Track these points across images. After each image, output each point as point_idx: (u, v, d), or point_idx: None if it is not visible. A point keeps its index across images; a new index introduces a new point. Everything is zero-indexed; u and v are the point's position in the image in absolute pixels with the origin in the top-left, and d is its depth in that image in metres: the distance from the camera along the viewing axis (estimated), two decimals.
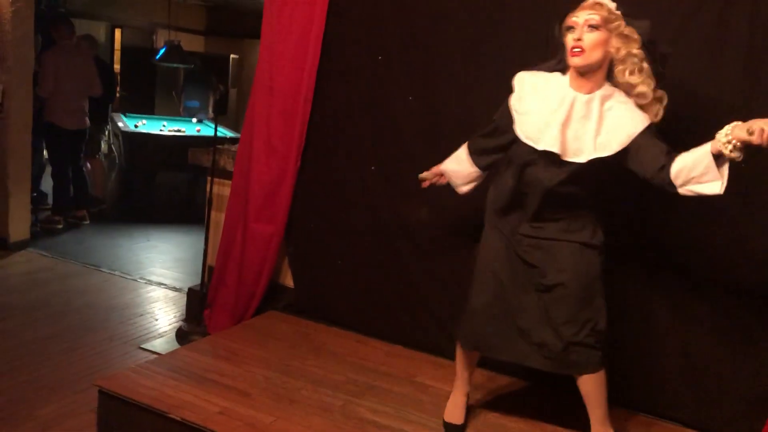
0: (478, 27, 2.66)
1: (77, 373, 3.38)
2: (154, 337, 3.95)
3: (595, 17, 2.21)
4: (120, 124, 7.44)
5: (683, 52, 2.75)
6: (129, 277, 4.98)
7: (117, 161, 7.91)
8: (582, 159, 2.28)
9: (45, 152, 6.53)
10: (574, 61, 2.24)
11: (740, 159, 2.01)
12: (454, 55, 3.13)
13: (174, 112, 10.12)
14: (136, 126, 7.57)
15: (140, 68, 10.20)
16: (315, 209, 3.68)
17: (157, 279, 4.99)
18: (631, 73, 2.25)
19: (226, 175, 3.94)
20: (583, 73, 2.27)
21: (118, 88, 8.92)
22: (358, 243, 3.58)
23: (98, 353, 3.65)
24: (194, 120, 8.50)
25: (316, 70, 3.46)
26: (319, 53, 3.45)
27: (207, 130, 7.82)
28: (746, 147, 1.98)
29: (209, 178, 3.91)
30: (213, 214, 3.97)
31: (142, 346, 3.80)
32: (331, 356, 3.30)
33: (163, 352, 3.49)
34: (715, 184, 2.06)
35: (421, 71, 3.27)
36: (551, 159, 2.31)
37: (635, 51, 2.24)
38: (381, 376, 3.14)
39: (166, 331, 4.04)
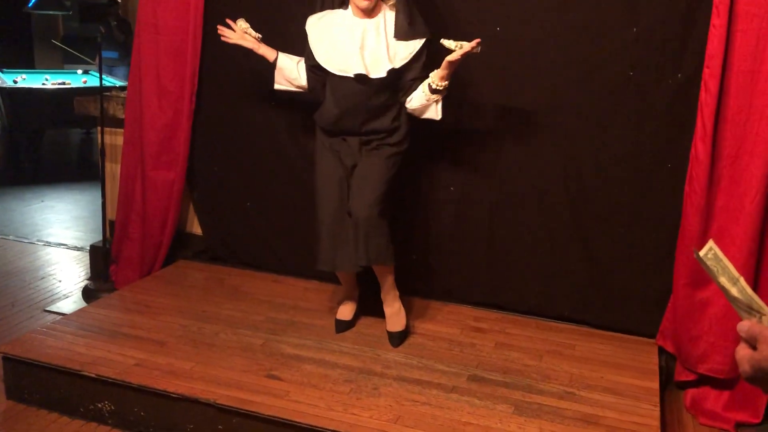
0: None
1: None
2: (59, 299, 3.77)
3: None
4: None
5: None
6: (25, 240, 4.71)
7: None
8: (383, 73, 2.67)
9: None
10: (363, 3, 2.65)
11: (443, 89, 2.65)
12: None
13: (56, 65, 9.50)
14: (15, 81, 7.04)
15: (12, 18, 9.45)
16: (217, 151, 3.56)
17: (56, 240, 4.74)
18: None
19: (118, 123, 3.73)
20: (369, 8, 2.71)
21: None
22: (265, 182, 3.50)
23: (1, 320, 3.46)
24: (80, 71, 7.99)
25: (203, 2, 3.28)
26: None
27: (94, 80, 7.38)
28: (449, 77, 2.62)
29: (99, 128, 3.69)
30: (108, 166, 3.78)
31: (47, 308, 3.62)
32: (247, 298, 3.27)
33: (70, 312, 3.35)
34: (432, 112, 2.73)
35: None
36: (361, 80, 2.69)
37: None
38: (300, 311, 3.14)
39: (71, 292, 3.87)
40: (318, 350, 2.77)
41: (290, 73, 2.89)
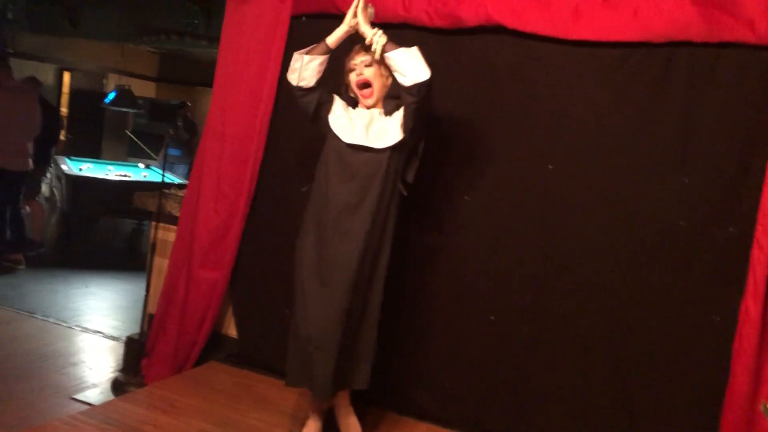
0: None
1: (3, 425, 3.19)
2: (88, 388, 3.76)
3: (367, 58, 2.69)
4: (64, 167, 7.26)
5: (623, 111, 2.87)
6: (64, 324, 4.78)
7: (58, 205, 7.69)
8: (386, 143, 2.68)
9: None
10: (364, 93, 2.73)
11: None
12: None
13: (121, 157, 9.97)
14: (80, 169, 7.40)
15: (88, 112, 10.06)
16: (263, 256, 3.62)
17: (93, 327, 4.80)
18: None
19: (172, 220, 3.86)
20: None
21: (63, 131, 8.73)
22: None
23: (28, 404, 3.46)
24: (141, 165, 8.37)
25: (269, 116, 3.46)
26: (273, 100, 3.45)
27: (153, 175, 7.70)
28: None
29: (154, 223, 3.82)
30: (156, 260, 3.87)
31: (75, 396, 3.62)
32: (273, 408, 3.21)
33: (97, 403, 3.33)
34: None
35: None
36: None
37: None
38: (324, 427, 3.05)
39: (100, 382, 3.86)
40: None
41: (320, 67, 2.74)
